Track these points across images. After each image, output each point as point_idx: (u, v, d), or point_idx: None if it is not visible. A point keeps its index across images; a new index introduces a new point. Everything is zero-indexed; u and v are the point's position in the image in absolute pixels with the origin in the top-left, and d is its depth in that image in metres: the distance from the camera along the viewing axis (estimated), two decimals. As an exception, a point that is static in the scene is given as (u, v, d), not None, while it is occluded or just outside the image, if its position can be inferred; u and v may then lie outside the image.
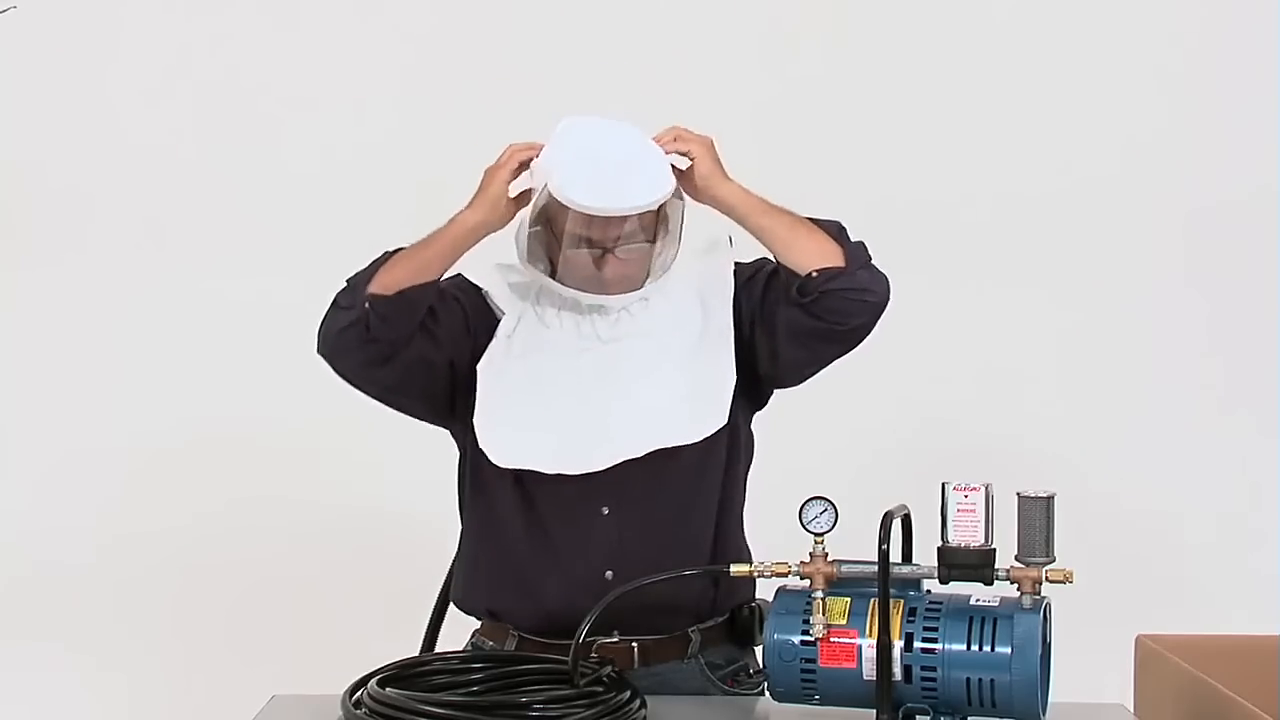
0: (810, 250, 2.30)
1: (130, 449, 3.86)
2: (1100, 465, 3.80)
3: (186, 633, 3.84)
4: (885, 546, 1.97)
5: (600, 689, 2.07)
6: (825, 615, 2.02)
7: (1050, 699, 2.03)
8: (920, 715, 2.00)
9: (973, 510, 1.99)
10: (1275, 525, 3.82)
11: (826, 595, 2.03)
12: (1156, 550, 3.81)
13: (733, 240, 2.44)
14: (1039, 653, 1.97)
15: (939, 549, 2.01)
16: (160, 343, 3.87)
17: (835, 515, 2.05)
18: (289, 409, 3.83)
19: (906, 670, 1.99)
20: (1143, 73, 3.92)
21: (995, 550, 2.00)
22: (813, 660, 2.02)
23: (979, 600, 2.02)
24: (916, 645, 1.98)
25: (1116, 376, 3.91)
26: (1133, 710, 2.46)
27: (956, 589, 2.03)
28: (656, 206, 2.30)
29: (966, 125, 3.91)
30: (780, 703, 2.08)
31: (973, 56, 3.91)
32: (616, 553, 2.32)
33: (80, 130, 3.88)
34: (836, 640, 2.02)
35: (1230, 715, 2.21)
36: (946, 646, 1.98)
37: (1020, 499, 1.99)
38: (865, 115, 3.90)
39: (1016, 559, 1.99)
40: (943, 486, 2.01)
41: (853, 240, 2.35)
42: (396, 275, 2.31)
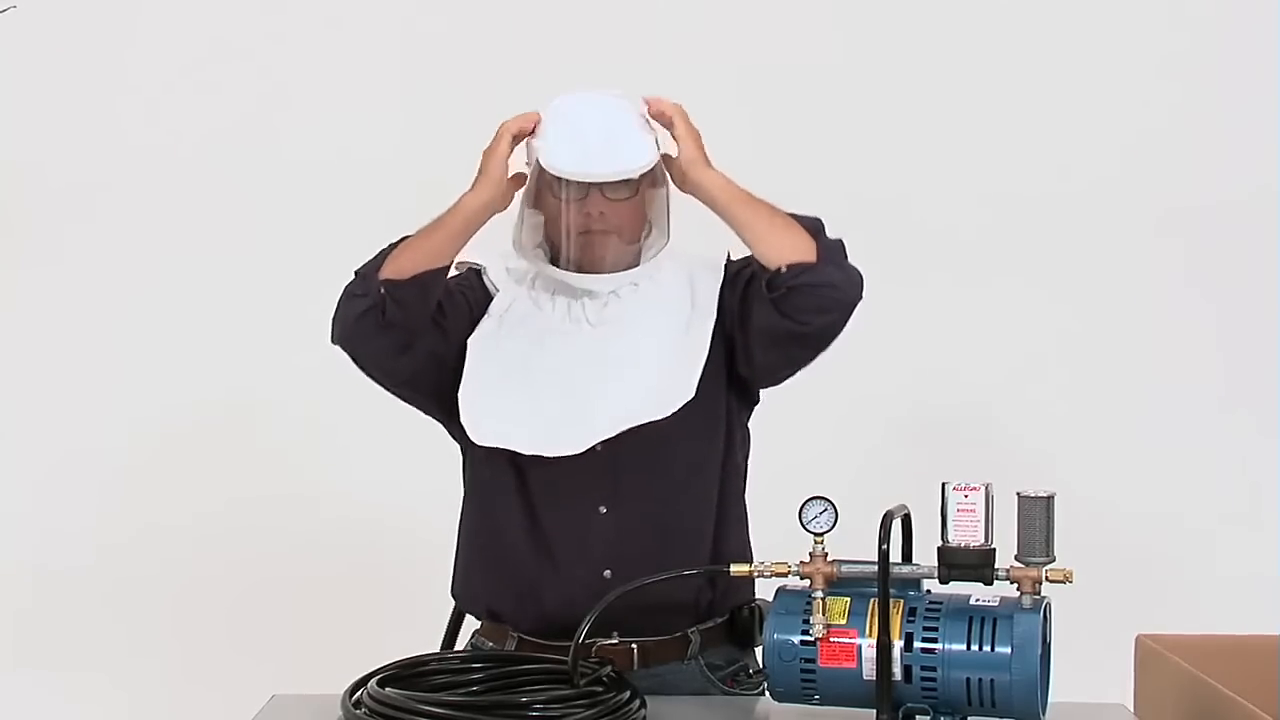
0: (784, 244, 2.28)
1: (130, 449, 3.87)
2: (1100, 465, 3.80)
3: (186, 633, 3.84)
4: (885, 546, 1.97)
5: (600, 689, 2.07)
6: (825, 615, 2.02)
7: (1050, 699, 2.03)
8: (920, 715, 2.00)
9: (973, 510, 1.99)
10: (1275, 525, 3.81)
11: (826, 595, 2.03)
12: (1156, 550, 3.81)
13: (730, 255, 2.45)
14: (1039, 653, 1.97)
15: (939, 549, 2.01)
16: (160, 342, 3.87)
17: (835, 515, 2.05)
18: (289, 409, 3.84)
19: (906, 670, 1.98)
20: (1144, 73, 3.91)
21: (995, 550, 2.00)
22: (812, 660, 2.02)
23: (979, 600, 2.02)
24: (916, 645, 1.98)
25: (1117, 376, 3.91)
26: (1133, 710, 2.46)
27: (956, 589, 2.03)
28: (640, 173, 2.31)
29: (965, 124, 3.91)
30: (780, 703, 2.08)
31: (974, 55, 3.91)
32: (615, 552, 2.31)
33: (80, 130, 3.88)
34: (836, 640, 2.02)
35: (1230, 715, 2.20)
36: (946, 646, 1.97)
37: (1020, 499, 1.99)
38: (866, 114, 3.90)
39: (1016, 559, 1.99)
40: (943, 486, 2.01)
41: (830, 238, 2.33)
42: (408, 261, 2.31)
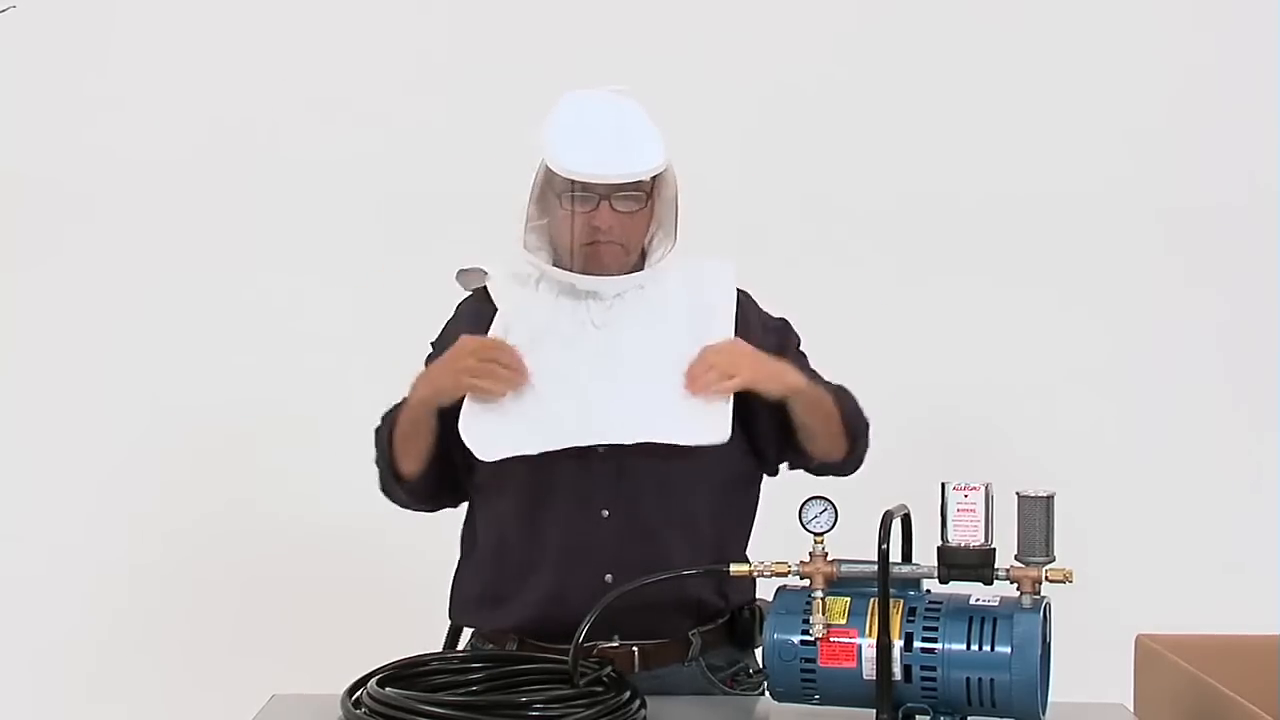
0: (827, 448, 2.41)
1: (130, 449, 3.86)
2: (1100, 465, 3.80)
3: (186, 633, 3.84)
4: (885, 546, 1.97)
5: (600, 689, 2.07)
6: (825, 615, 2.02)
7: (1050, 699, 2.03)
8: (920, 715, 2.00)
9: (973, 510, 1.99)
10: (1276, 525, 3.81)
11: (826, 595, 2.03)
12: (1156, 550, 3.81)
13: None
14: (1039, 653, 1.97)
15: (939, 549, 2.01)
16: (160, 345, 3.87)
17: (835, 515, 2.05)
18: (290, 410, 3.83)
19: (906, 670, 1.98)
20: (1145, 73, 3.91)
21: (995, 550, 2.00)
22: (812, 660, 2.02)
23: (979, 600, 2.02)
24: (916, 645, 1.98)
25: (1117, 376, 3.91)
26: (1133, 710, 2.45)
27: (956, 589, 2.03)
28: (651, 174, 2.32)
29: (963, 126, 3.91)
30: (780, 703, 2.08)
31: (976, 57, 3.91)
32: (616, 556, 2.31)
33: (80, 130, 3.88)
34: (836, 640, 2.02)
35: (1230, 715, 2.20)
36: (946, 646, 1.97)
37: (1020, 499, 1.99)
38: (865, 116, 3.90)
39: (1016, 559, 1.99)
40: (943, 486, 2.01)
41: (864, 438, 2.44)
42: (409, 462, 2.40)
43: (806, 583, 2.05)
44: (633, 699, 2.08)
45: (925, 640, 1.98)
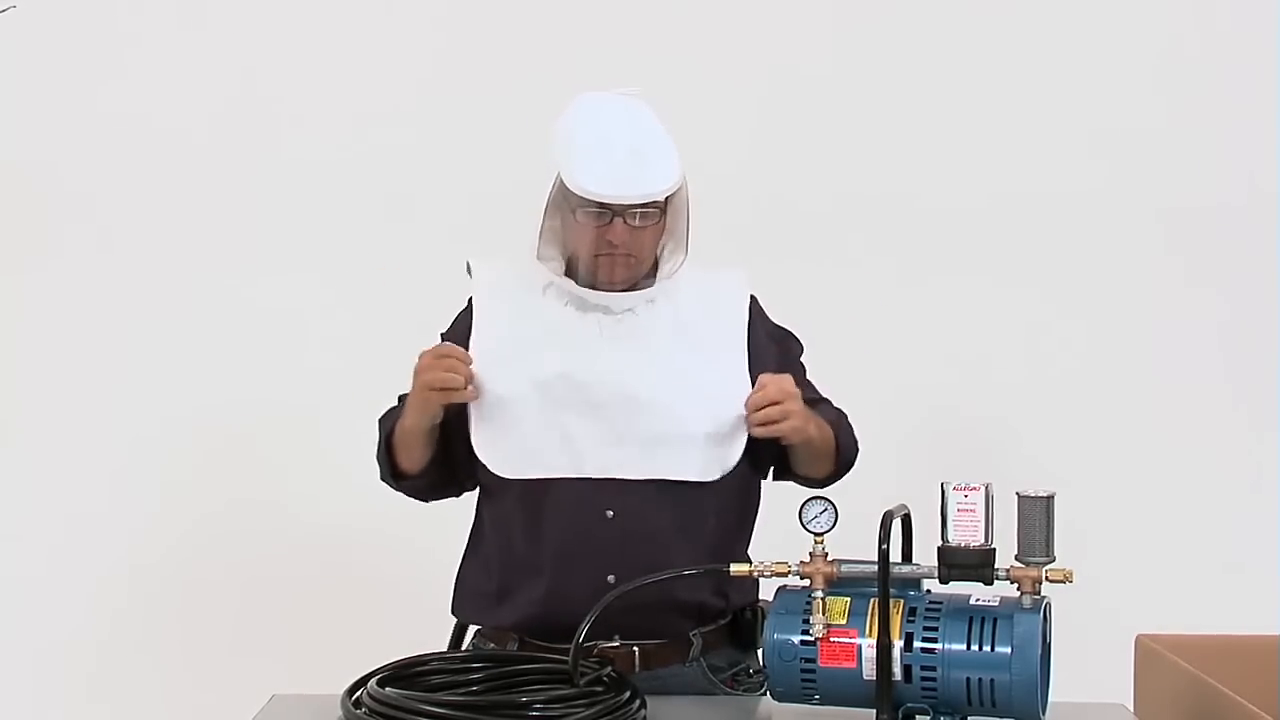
0: (813, 470, 2.43)
1: (130, 449, 3.86)
2: (1100, 465, 3.80)
3: (186, 633, 3.84)
4: (885, 546, 1.97)
5: (600, 689, 2.07)
6: (825, 615, 2.02)
7: (1050, 699, 2.03)
8: (920, 715, 2.00)
9: (973, 510, 1.99)
10: (1275, 526, 3.81)
11: (826, 595, 2.03)
12: (1156, 550, 3.81)
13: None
14: (1039, 653, 1.97)
15: (939, 549, 2.01)
16: (160, 343, 3.87)
17: (835, 515, 2.05)
18: (290, 410, 3.83)
19: (906, 670, 1.98)
20: (1146, 74, 3.92)
21: (995, 550, 2.00)
22: (812, 660, 2.02)
23: (979, 600, 2.02)
24: (916, 645, 1.98)
25: (1117, 376, 3.91)
26: (1133, 710, 2.46)
27: (956, 589, 2.03)
28: (667, 195, 2.32)
29: (963, 125, 3.91)
30: (780, 703, 2.08)
31: (976, 56, 3.91)
32: (619, 557, 2.31)
33: (80, 130, 3.88)
34: (836, 640, 2.02)
35: (1230, 715, 2.20)
36: (946, 646, 1.97)
37: (1020, 499, 1.99)
38: (865, 114, 3.89)
39: (1016, 559, 1.99)
40: (943, 486, 2.01)
41: (851, 458, 2.46)
42: (408, 462, 2.40)
43: (807, 583, 2.05)
44: (633, 699, 2.08)
45: (925, 640, 1.98)
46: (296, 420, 3.83)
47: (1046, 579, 1.98)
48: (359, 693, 2.06)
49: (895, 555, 2.01)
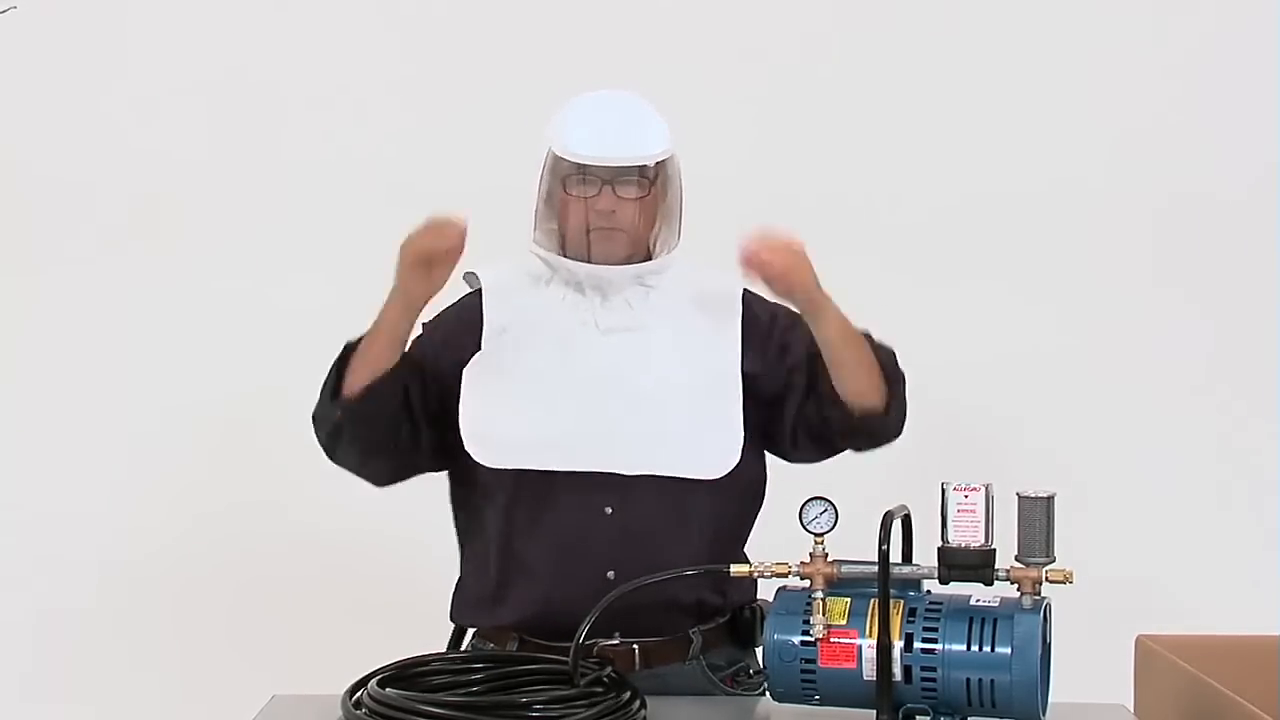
0: (864, 389, 2.34)
1: (130, 449, 3.86)
2: (1100, 465, 3.80)
3: (187, 633, 3.84)
4: (885, 546, 1.97)
5: (600, 689, 2.07)
6: (825, 615, 2.02)
7: (1050, 699, 2.03)
8: (920, 715, 2.00)
9: (973, 510, 1.99)
10: (1275, 525, 3.81)
11: (826, 595, 2.03)
12: (1156, 550, 3.80)
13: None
14: (1039, 653, 1.97)
15: (939, 549, 2.01)
16: (160, 343, 3.87)
17: (835, 515, 2.05)
18: (289, 409, 3.81)
19: (906, 670, 1.98)
20: (1148, 72, 3.92)
21: (995, 550, 2.00)
22: (813, 660, 2.02)
23: (979, 600, 2.02)
24: (916, 645, 1.98)
25: (1117, 376, 3.91)
26: (1133, 710, 2.46)
27: (956, 589, 2.03)
28: (655, 160, 2.33)
29: (961, 122, 3.91)
30: (780, 703, 2.08)
31: (969, 54, 3.91)
32: (619, 554, 2.31)
33: (81, 130, 3.88)
34: (836, 640, 2.02)
35: (1230, 715, 2.20)
36: (946, 647, 1.97)
37: (1020, 499, 1.99)
38: (862, 111, 3.89)
39: (1016, 559, 1.99)
40: (943, 486, 2.01)
41: (900, 382, 2.39)
42: (357, 377, 2.34)
43: (807, 583, 2.05)
44: (633, 699, 2.08)
45: (925, 641, 1.98)
46: (297, 420, 3.81)
47: (1046, 579, 1.98)
48: (359, 693, 2.06)
49: (895, 556, 2.01)
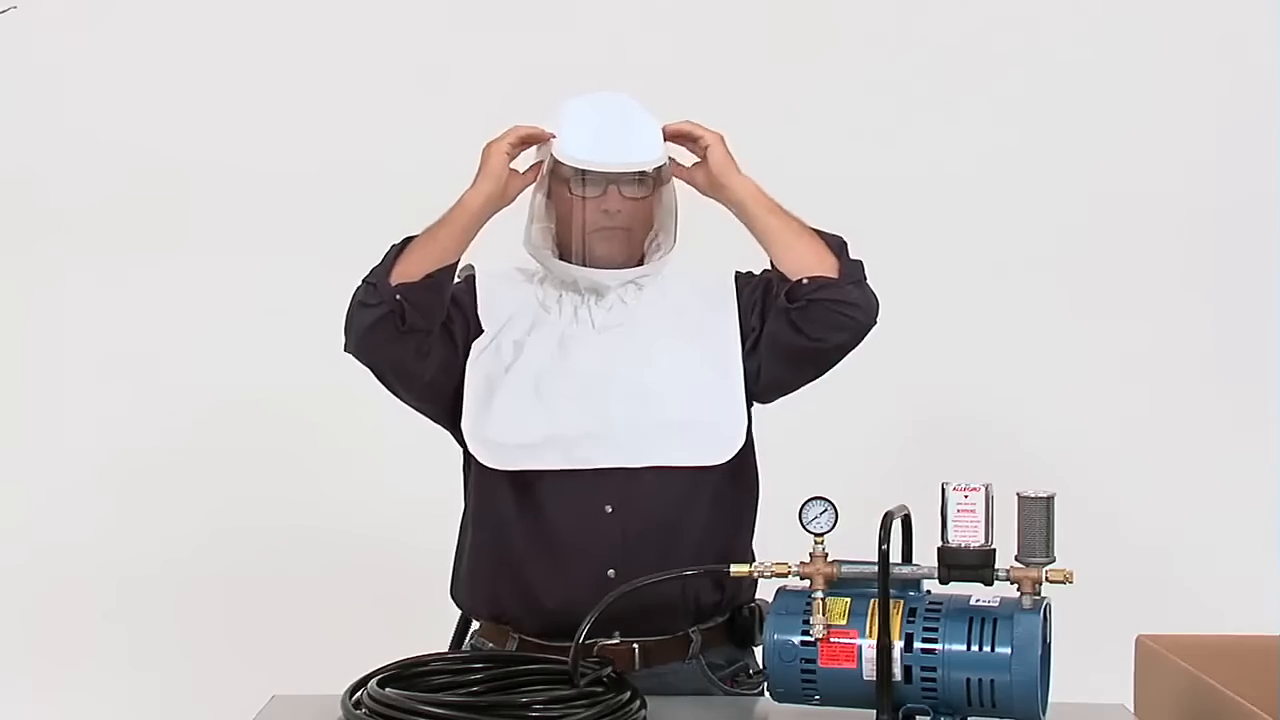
0: (807, 257, 2.33)
1: (130, 449, 3.87)
2: (1100, 465, 3.80)
3: (187, 633, 3.85)
4: (885, 546, 1.97)
5: (600, 689, 2.07)
6: (825, 615, 2.02)
7: (1050, 699, 2.03)
8: (920, 715, 2.00)
9: (973, 510, 1.99)
10: (1275, 525, 3.81)
11: (826, 595, 2.03)
12: (1156, 550, 3.81)
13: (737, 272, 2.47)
14: (1039, 653, 1.97)
15: (939, 549, 2.01)
16: (160, 344, 3.87)
17: (835, 515, 2.05)
18: (289, 410, 3.84)
19: (906, 670, 1.98)
20: (1145, 74, 3.92)
21: (995, 550, 2.00)
22: (813, 660, 2.02)
23: (979, 600, 2.02)
24: (916, 645, 1.98)
25: (1117, 377, 3.91)
26: (1133, 710, 2.46)
27: (956, 589, 2.03)
28: (655, 165, 2.33)
29: (962, 124, 3.91)
30: (780, 703, 2.08)
31: (977, 57, 3.92)
32: (620, 552, 2.31)
33: (81, 130, 3.88)
34: (836, 640, 2.01)
35: (1230, 715, 2.20)
36: (946, 647, 1.97)
37: (1020, 499, 1.98)
38: (864, 113, 3.90)
39: (1016, 559, 1.99)
40: (943, 486, 2.00)
41: (851, 257, 2.37)
42: (416, 262, 2.30)
43: (806, 583, 2.05)
44: (633, 699, 2.08)
45: (925, 641, 1.98)
46: (296, 420, 3.83)
47: (1046, 579, 1.98)
48: (359, 693, 2.06)
49: (895, 556, 2.01)
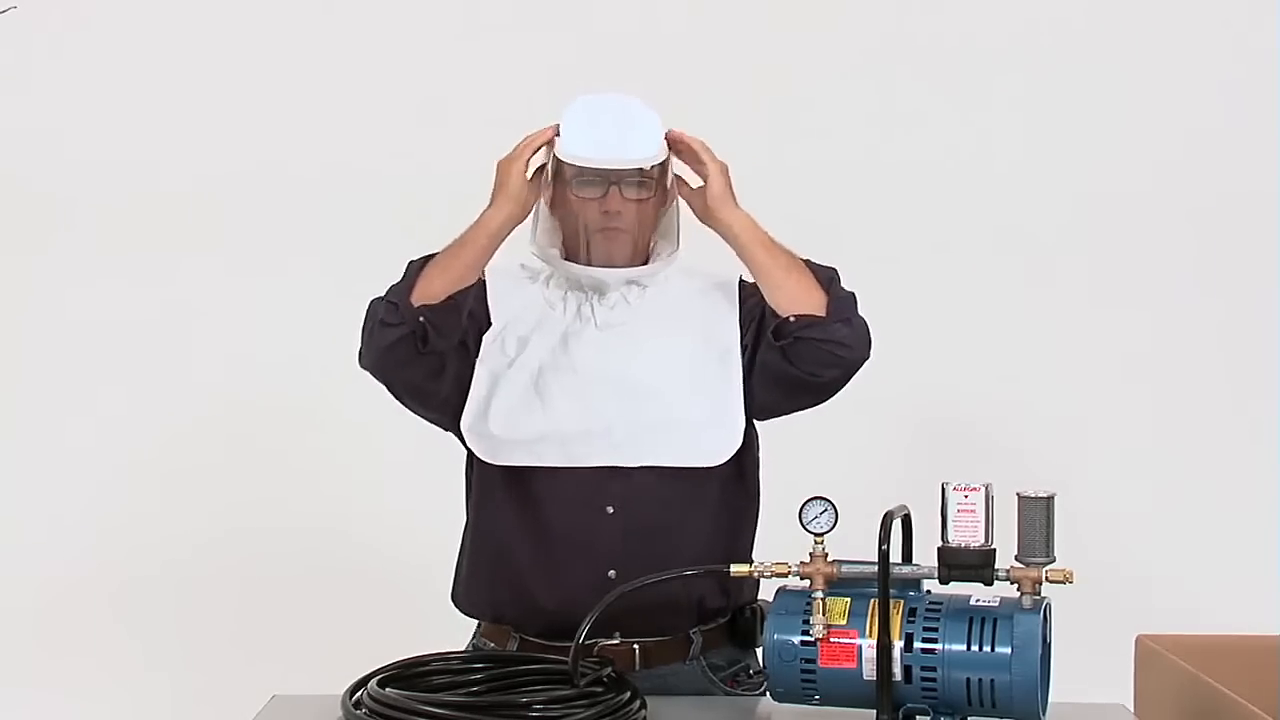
0: (797, 294, 2.33)
1: (131, 449, 3.87)
2: (1101, 466, 3.80)
3: (187, 633, 3.85)
4: (885, 546, 1.97)
5: (600, 689, 2.07)
6: (825, 615, 2.02)
7: (1050, 699, 2.03)
8: (920, 715, 2.00)
9: (973, 510, 1.99)
10: (1275, 525, 3.82)
11: (826, 595, 2.03)
12: (1156, 550, 3.81)
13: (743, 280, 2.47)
14: (1039, 653, 1.97)
15: (939, 549, 2.01)
16: (160, 344, 3.87)
17: (835, 515, 2.05)
18: (290, 410, 3.84)
19: (906, 670, 1.98)
20: (1144, 75, 3.92)
21: (995, 550, 2.00)
22: (813, 660, 2.02)
23: (979, 600, 2.02)
24: (916, 645, 1.98)
25: (1117, 377, 3.91)
26: (1133, 710, 2.46)
27: (956, 589, 2.03)
28: (655, 163, 2.33)
29: (963, 125, 3.91)
30: (780, 703, 2.08)
31: (984, 56, 3.92)
32: (620, 553, 2.31)
33: (81, 131, 3.88)
34: (836, 640, 2.01)
35: (1230, 715, 2.21)
36: (946, 647, 1.97)
37: (1020, 499, 1.98)
38: (864, 114, 3.90)
39: (1016, 559, 1.99)
40: (943, 486, 2.00)
41: (843, 290, 2.37)
42: (439, 283, 2.32)
43: (807, 583, 2.05)
44: (633, 699, 2.08)
45: (925, 641, 1.98)
46: (297, 421, 3.83)
47: (1046, 579, 1.98)
48: (359, 693, 2.06)
49: (895, 556, 2.01)
